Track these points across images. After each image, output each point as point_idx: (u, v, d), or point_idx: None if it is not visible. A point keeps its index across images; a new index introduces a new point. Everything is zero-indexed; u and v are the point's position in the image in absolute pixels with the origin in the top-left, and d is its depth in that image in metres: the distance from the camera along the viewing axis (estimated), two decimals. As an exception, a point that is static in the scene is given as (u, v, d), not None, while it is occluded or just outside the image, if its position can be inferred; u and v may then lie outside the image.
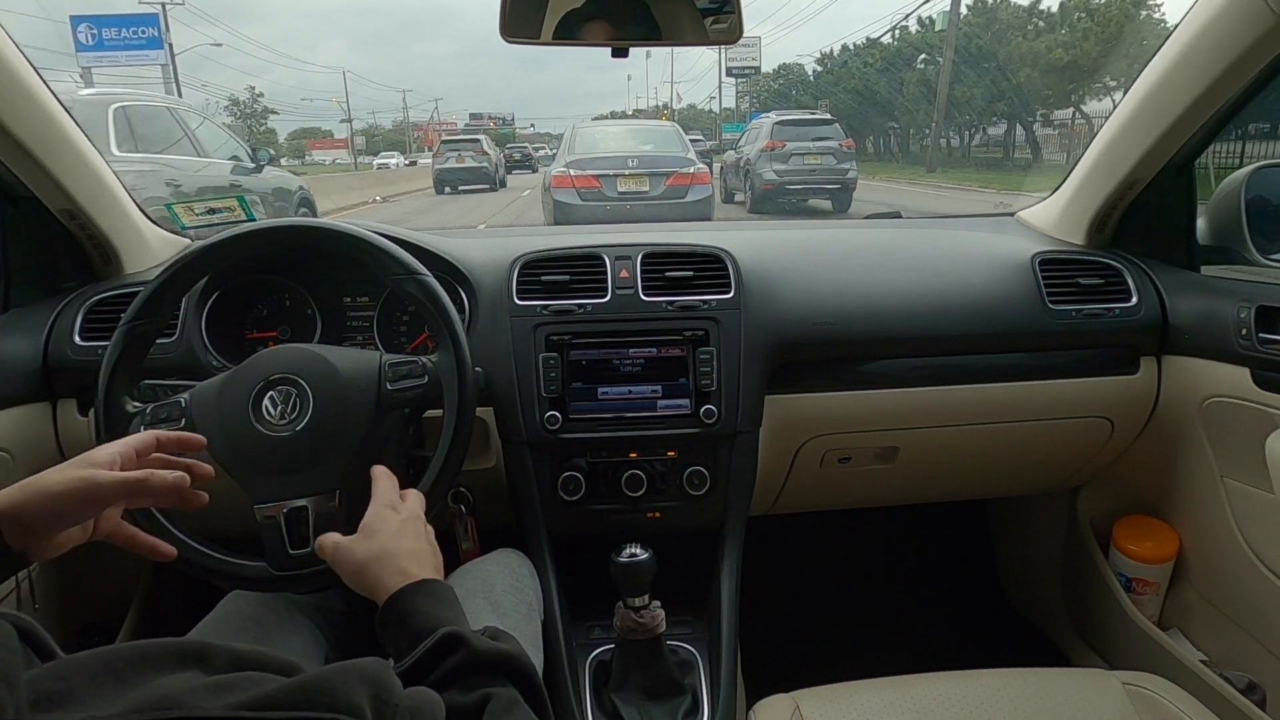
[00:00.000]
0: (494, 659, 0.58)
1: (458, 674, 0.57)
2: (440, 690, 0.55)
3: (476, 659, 0.57)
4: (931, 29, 27.27)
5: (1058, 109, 24.16)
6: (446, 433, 0.89)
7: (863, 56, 31.20)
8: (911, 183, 18.71)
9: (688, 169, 6.86)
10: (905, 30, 29.06)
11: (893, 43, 29.96)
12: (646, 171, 6.76)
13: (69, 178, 1.12)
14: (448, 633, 0.59)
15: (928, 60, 27.40)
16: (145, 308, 0.92)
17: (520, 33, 0.97)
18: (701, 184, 6.89)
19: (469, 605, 0.90)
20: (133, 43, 20.16)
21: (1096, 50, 19.88)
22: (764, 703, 0.88)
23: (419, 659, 0.58)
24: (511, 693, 0.56)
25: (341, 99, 51.50)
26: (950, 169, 22.15)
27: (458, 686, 0.56)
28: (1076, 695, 0.87)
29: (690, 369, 1.14)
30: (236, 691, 0.41)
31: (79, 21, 19.79)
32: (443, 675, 0.57)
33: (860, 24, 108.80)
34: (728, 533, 1.19)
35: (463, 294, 1.19)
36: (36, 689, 0.40)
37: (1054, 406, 1.28)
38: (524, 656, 0.60)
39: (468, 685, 0.56)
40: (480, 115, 70.52)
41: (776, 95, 50.47)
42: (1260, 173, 1.24)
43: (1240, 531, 1.20)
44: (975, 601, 1.83)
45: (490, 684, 0.57)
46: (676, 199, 6.54)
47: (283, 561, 0.85)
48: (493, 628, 0.63)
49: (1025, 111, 23.55)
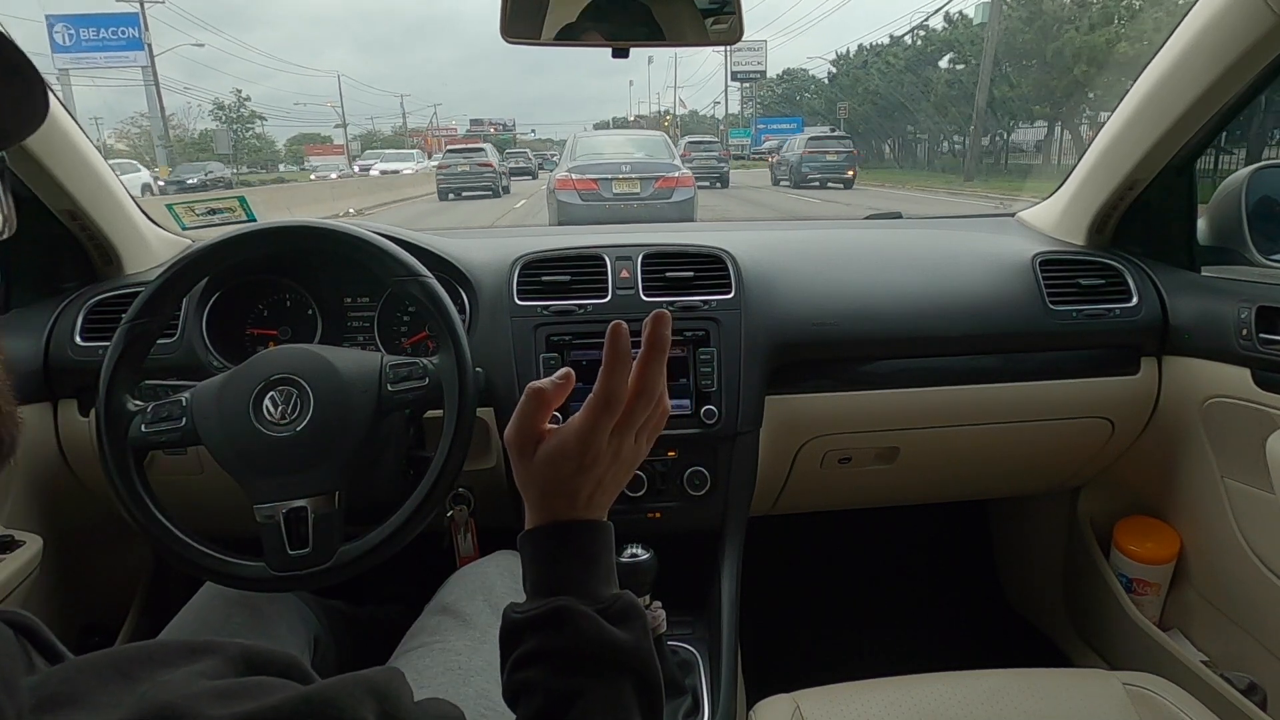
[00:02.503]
0: (599, 648, 0.52)
1: (555, 654, 0.53)
2: (534, 663, 0.53)
3: (580, 645, 0.52)
4: (962, 25, 25.73)
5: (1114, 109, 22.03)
6: (447, 434, 0.89)
7: (884, 56, 29.97)
8: (951, 192, 17.03)
9: (673, 173, 7.84)
10: (929, 29, 27.70)
11: (915, 41, 28.56)
12: (638, 175, 7.68)
13: (70, 178, 1.12)
14: (558, 607, 0.53)
15: (956, 59, 25.91)
16: (147, 307, 0.92)
17: (520, 33, 0.97)
18: (685, 186, 7.81)
19: (469, 606, 0.90)
20: (111, 44, 19.60)
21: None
22: (764, 703, 0.88)
23: (525, 618, 0.54)
24: (612, 690, 0.52)
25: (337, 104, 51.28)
26: (989, 177, 20.88)
27: (553, 666, 0.52)
28: (1077, 696, 0.87)
29: (691, 369, 1.14)
30: (242, 700, 0.41)
31: (55, 21, 19.12)
32: (539, 649, 0.53)
33: (864, 30, 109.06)
34: (728, 533, 1.19)
35: (463, 295, 1.19)
36: (41, 692, 0.39)
37: (1054, 407, 1.28)
38: (640, 646, 0.54)
39: (564, 669, 0.52)
40: (481, 120, 70.55)
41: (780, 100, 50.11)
42: (1260, 173, 1.24)
43: (1241, 532, 1.19)
44: (976, 602, 1.83)
45: (593, 674, 0.52)
46: (664, 199, 7.51)
47: (282, 562, 0.85)
48: (626, 601, 0.56)
49: (1073, 113, 21.56)
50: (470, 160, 17.83)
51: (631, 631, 0.55)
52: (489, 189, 17.56)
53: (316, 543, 0.85)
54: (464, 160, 17.87)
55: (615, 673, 0.53)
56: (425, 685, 0.80)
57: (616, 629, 0.54)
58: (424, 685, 0.80)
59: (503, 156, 22.56)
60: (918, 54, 28.05)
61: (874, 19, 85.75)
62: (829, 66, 37.89)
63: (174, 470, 1.13)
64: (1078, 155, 1.40)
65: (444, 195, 17.45)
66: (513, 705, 0.55)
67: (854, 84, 31.98)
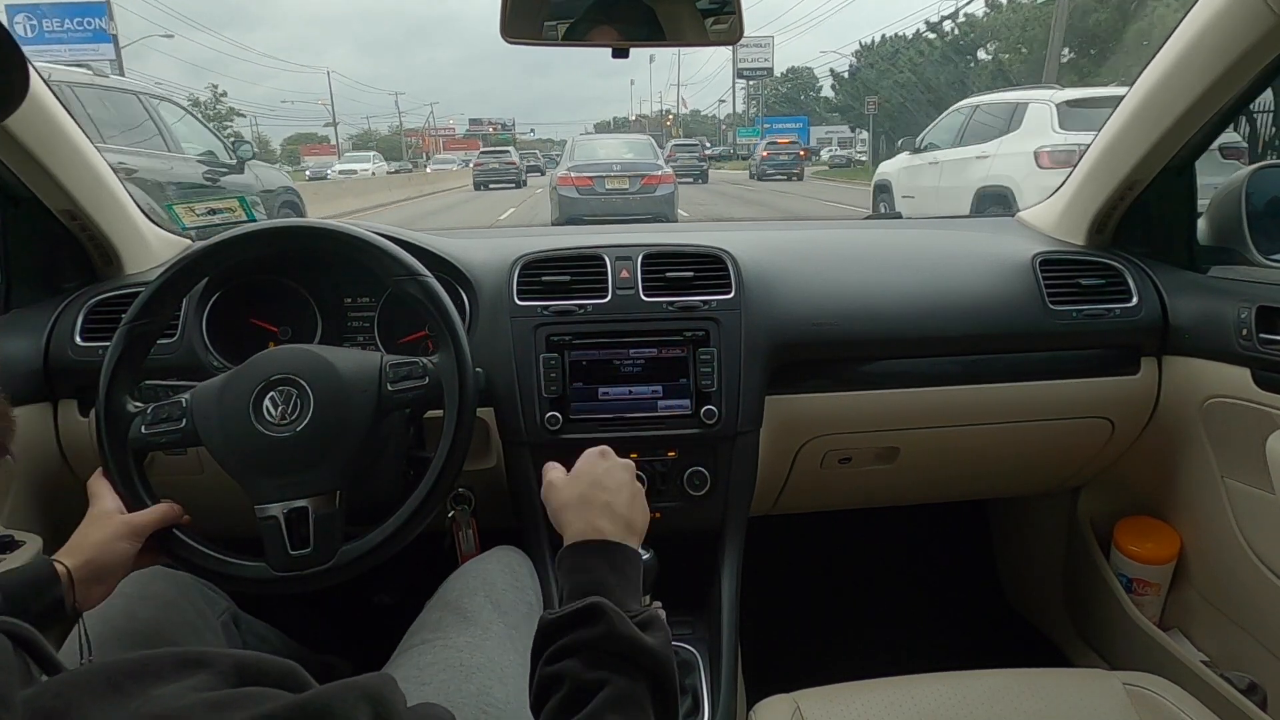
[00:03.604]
0: (629, 646, 0.56)
1: (587, 647, 0.56)
2: (565, 657, 0.56)
3: (611, 640, 0.56)
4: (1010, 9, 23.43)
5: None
6: (447, 434, 0.89)
7: (916, 46, 28.38)
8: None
9: (656, 171, 9.29)
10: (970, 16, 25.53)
11: (952, 30, 26.59)
12: (627, 174, 9.13)
13: (69, 178, 1.12)
14: (594, 603, 0.58)
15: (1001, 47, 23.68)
16: (147, 307, 0.92)
17: (520, 33, 0.97)
18: (667, 183, 9.25)
19: (470, 602, 0.90)
20: (76, 35, 18.30)
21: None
22: (764, 703, 0.88)
23: (560, 617, 0.58)
24: (633, 687, 0.55)
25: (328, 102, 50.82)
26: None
27: (583, 659, 0.56)
28: (1077, 696, 0.87)
29: (691, 369, 1.14)
30: (235, 710, 0.41)
31: (16, 11, 17.92)
32: (573, 643, 0.56)
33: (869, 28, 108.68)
34: (728, 533, 1.19)
35: (463, 295, 1.19)
36: (34, 705, 0.39)
37: (1054, 407, 1.28)
38: (664, 653, 0.58)
39: (593, 662, 0.55)
40: (480, 120, 70.47)
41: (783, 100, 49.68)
42: (1260, 173, 1.24)
43: (1241, 532, 1.19)
44: (976, 602, 1.83)
45: (617, 670, 0.55)
46: (648, 194, 9.00)
47: (282, 562, 0.85)
48: (652, 613, 0.61)
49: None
50: (499, 159, 24.13)
51: (657, 638, 0.58)
52: (513, 181, 23.00)
53: (317, 543, 0.85)
54: (494, 160, 24.11)
55: (639, 672, 0.56)
56: (427, 682, 0.80)
57: (644, 633, 0.58)
58: (426, 682, 0.80)
59: (521, 157, 28.47)
60: (955, 43, 26.21)
61: (878, 20, 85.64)
62: (850, 59, 35.80)
63: (174, 471, 1.13)
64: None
65: (478, 186, 22.71)
66: (539, 702, 0.57)
67: (879, 77, 30.43)
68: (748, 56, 42.99)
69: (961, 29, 26.20)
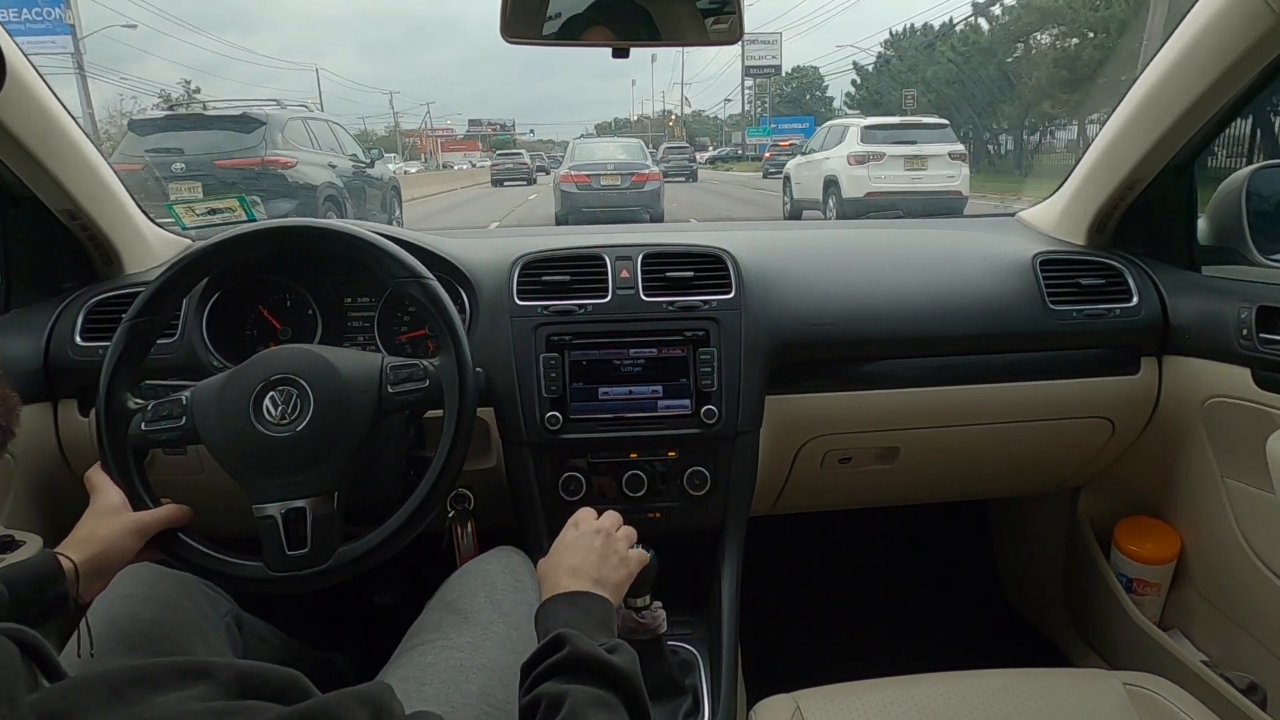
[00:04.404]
0: (591, 662, 0.62)
1: (558, 669, 0.62)
2: (542, 682, 0.62)
3: (575, 659, 0.62)
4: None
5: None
6: (447, 434, 0.89)
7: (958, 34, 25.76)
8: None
9: (645, 170, 10.87)
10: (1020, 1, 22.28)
11: (1001, 16, 23.62)
12: (619, 172, 10.68)
13: (70, 178, 1.12)
14: (557, 634, 0.65)
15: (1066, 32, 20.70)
16: (148, 305, 0.92)
17: (520, 33, 0.97)
18: (654, 180, 10.73)
19: (471, 603, 0.90)
20: (34, 26, 17.78)
21: None
22: (764, 703, 0.88)
23: (532, 656, 0.65)
24: (595, 694, 0.60)
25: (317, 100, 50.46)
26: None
27: (556, 680, 0.61)
28: (1077, 696, 0.87)
29: (691, 369, 1.14)
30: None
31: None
32: (547, 669, 0.63)
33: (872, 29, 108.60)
34: (728, 533, 1.19)
35: (463, 295, 1.19)
36: (39, 709, 0.40)
37: (1054, 407, 1.28)
38: (627, 667, 0.63)
39: (566, 680, 0.61)
40: (479, 121, 70.31)
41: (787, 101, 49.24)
42: (1260, 173, 1.24)
43: (1241, 532, 1.19)
44: (976, 602, 1.83)
45: (584, 684, 0.61)
46: (638, 189, 10.49)
47: (280, 562, 0.85)
48: (619, 643, 0.67)
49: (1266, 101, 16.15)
50: (513, 160, 27.83)
51: (623, 659, 0.64)
52: (525, 178, 25.92)
53: (315, 543, 0.85)
54: (509, 160, 27.68)
55: (608, 685, 0.62)
56: (428, 683, 0.80)
57: (610, 655, 0.63)
58: (427, 683, 0.80)
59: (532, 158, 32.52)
60: (1004, 30, 23.40)
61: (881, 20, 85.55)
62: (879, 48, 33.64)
63: (174, 470, 1.14)
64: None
65: (496, 183, 25.47)
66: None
67: (909, 70, 28.34)
68: (755, 54, 42.62)
69: (1015, 14, 23.17)
